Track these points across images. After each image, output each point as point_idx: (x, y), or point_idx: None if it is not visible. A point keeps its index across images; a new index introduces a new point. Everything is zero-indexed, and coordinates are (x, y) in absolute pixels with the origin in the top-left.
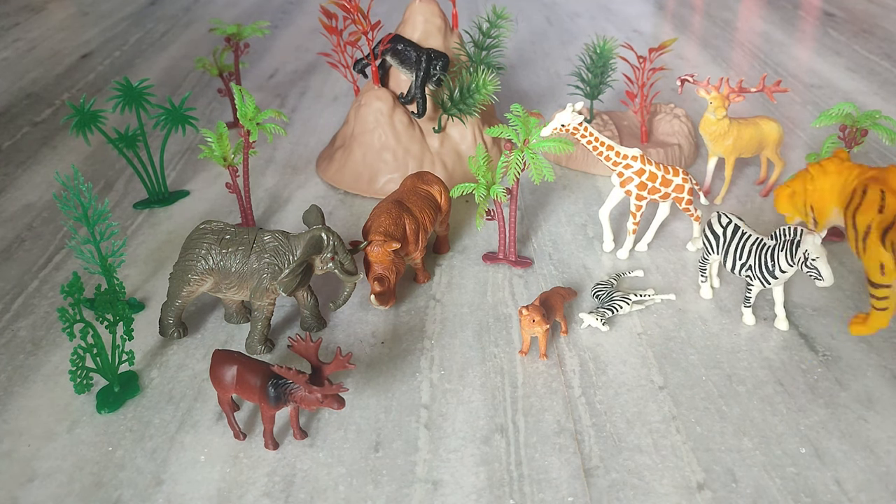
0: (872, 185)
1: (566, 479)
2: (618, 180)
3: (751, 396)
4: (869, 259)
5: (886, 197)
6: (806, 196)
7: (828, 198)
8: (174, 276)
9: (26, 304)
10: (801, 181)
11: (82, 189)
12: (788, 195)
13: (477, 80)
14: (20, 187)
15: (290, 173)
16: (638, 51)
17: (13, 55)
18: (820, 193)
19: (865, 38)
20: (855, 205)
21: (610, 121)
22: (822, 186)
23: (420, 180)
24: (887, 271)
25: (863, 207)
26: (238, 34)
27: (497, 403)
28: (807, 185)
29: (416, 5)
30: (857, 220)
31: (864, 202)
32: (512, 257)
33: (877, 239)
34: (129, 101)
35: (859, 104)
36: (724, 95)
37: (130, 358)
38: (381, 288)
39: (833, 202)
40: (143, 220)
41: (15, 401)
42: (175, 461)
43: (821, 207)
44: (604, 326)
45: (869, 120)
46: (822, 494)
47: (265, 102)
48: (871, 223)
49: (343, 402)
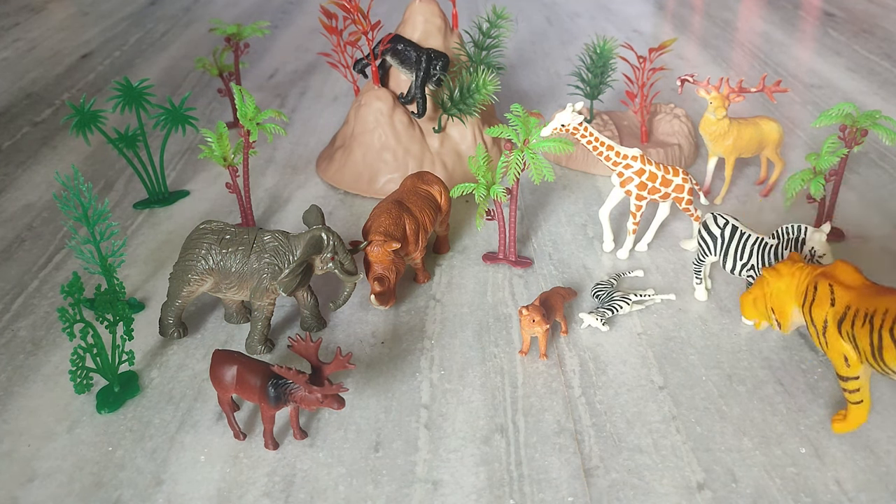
0: (821, 280)
1: (566, 479)
2: (618, 180)
3: (751, 396)
4: (832, 353)
5: (835, 290)
6: (766, 300)
7: (785, 299)
8: (174, 276)
9: (26, 304)
10: (760, 287)
11: (82, 189)
12: (751, 302)
13: (477, 80)
14: (20, 187)
15: (290, 173)
16: (638, 51)
17: (13, 55)
18: (778, 296)
19: (865, 38)
20: (809, 301)
21: (610, 121)
22: (779, 288)
23: (420, 180)
24: (851, 363)
25: (816, 302)
26: (238, 34)
27: (497, 403)
28: (765, 290)
29: (416, 5)
30: (814, 316)
31: (816, 297)
32: (512, 257)
33: (834, 331)
34: (129, 101)
35: (859, 104)
36: (724, 95)
37: (130, 358)
38: (381, 288)
39: (791, 302)
40: (143, 220)
41: (15, 401)
42: (175, 461)
43: (780, 309)
44: (604, 326)
45: (869, 120)
46: (822, 494)
47: (265, 102)
48: (826, 316)
49: (343, 402)
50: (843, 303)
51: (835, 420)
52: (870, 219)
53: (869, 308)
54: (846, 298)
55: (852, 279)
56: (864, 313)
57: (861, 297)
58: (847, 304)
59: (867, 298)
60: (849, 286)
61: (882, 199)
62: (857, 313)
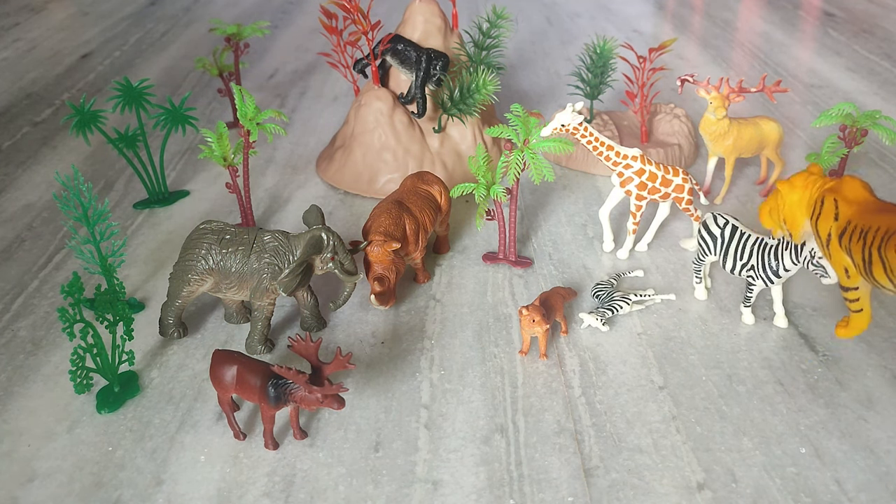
0: (828, 194)
1: (566, 479)
2: (618, 180)
3: (751, 396)
4: (834, 264)
5: (839, 205)
6: (780, 211)
7: (797, 211)
8: (174, 276)
9: (26, 304)
10: (775, 198)
11: (82, 189)
12: (767, 212)
13: (477, 80)
14: (20, 187)
15: (290, 173)
16: (638, 51)
17: (13, 55)
18: (790, 207)
19: (865, 38)
20: (816, 214)
21: (610, 121)
22: (792, 200)
23: (420, 180)
24: (851, 274)
25: (822, 216)
26: (238, 34)
27: (497, 403)
28: (779, 202)
29: (416, 5)
30: (819, 228)
31: (822, 211)
32: (512, 257)
33: (836, 244)
34: (129, 101)
35: (859, 104)
36: (724, 95)
37: (130, 358)
38: (381, 288)
39: (803, 214)
40: (143, 220)
41: (15, 401)
42: (175, 461)
43: (792, 220)
44: (604, 326)
45: (869, 120)
46: (822, 494)
47: (265, 102)
48: (830, 230)
49: (343, 402)
50: (845, 217)
51: (838, 326)
52: None
53: (864, 224)
54: (848, 213)
55: (857, 195)
56: (860, 229)
57: (861, 213)
58: (848, 218)
59: (866, 215)
60: (852, 201)
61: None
62: (856, 229)
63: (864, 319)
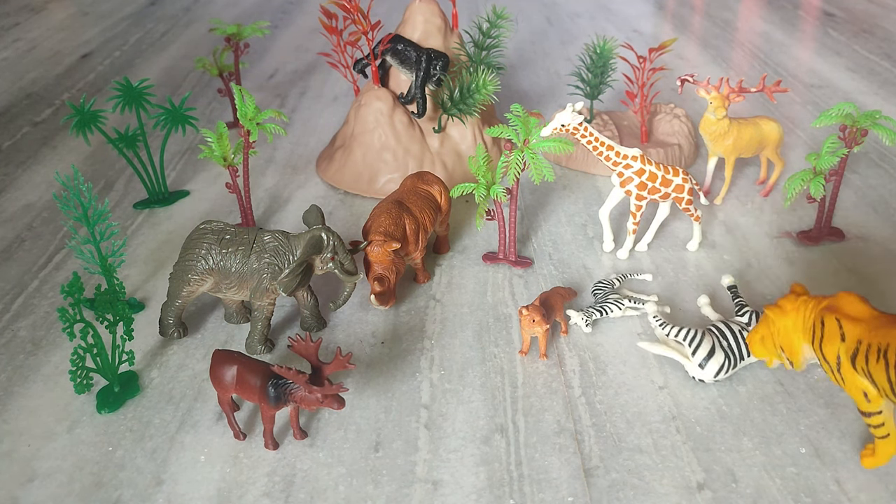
0: (828, 314)
1: (566, 479)
2: (618, 180)
3: (751, 396)
4: (850, 389)
5: (843, 325)
6: (773, 338)
7: (793, 336)
8: (174, 276)
9: (26, 304)
10: (766, 326)
11: (82, 189)
12: (759, 340)
13: (477, 80)
14: (20, 187)
15: (290, 173)
16: (638, 51)
17: (13, 55)
18: (785, 334)
19: (865, 38)
20: (818, 338)
21: (610, 121)
22: (786, 326)
23: (420, 180)
24: (871, 398)
25: (826, 339)
26: (238, 34)
27: (497, 403)
28: (770, 329)
29: (416, 5)
30: (826, 353)
31: (825, 334)
32: (512, 257)
33: (849, 367)
34: (129, 101)
35: (859, 104)
36: (724, 95)
37: (130, 358)
38: (381, 288)
39: (800, 339)
40: (143, 220)
41: (15, 401)
42: (175, 461)
43: (790, 347)
44: (587, 328)
45: (869, 120)
46: (822, 494)
47: (265, 102)
48: (839, 353)
49: (343, 402)
50: (853, 337)
51: (864, 455)
52: (870, 219)
53: (882, 342)
54: (856, 332)
55: (859, 310)
56: (876, 348)
57: (871, 330)
58: (858, 338)
59: (878, 332)
60: (857, 318)
61: (882, 199)
62: (870, 348)
63: (893, 445)
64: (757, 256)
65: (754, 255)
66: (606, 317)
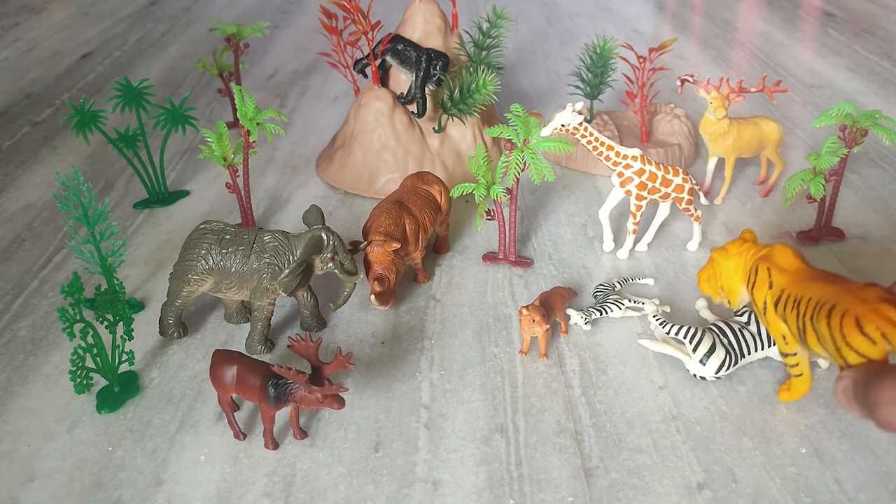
0: (762, 263)
1: (566, 479)
2: (618, 180)
3: (751, 396)
4: (772, 331)
5: (773, 273)
6: (717, 279)
7: (734, 278)
8: (174, 276)
9: (26, 304)
10: (711, 265)
11: (82, 189)
12: (706, 279)
13: (477, 80)
14: (20, 187)
15: (290, 173)
16: (638, 51)
17: (13, 55)
18: (727, 275)
19: (865, 38)
20: (752, 282)
21: (610, 121)
22: (728, 268)
23: (420, 180)
24: (789, 341)
25: (757, 284)
26: (238, 34)
27: (497, 403)
28: (715, 269)
29: (416, 5)
30: (755, 297)
31: (757, 280)
32: (512, 257)
33: (772, 312)
34: (129, 101)
35: (859, 104)
36: (724, 95)
37: (130, 358)
38: (381, 288)
39: (739, 282)
40: (143, 220)
41: (15, 401)
42: (175, 461)
43: (729, 288)
44: (586, 326)
45: (869, 120)
46: (822, 494)
47: (265, 102)
48: (766, 298)
49: (343, 402)
50: (778, 286)
51: (781, 390)
52: (870, 219)
53: (797, 294)
54: (781, 282)
55: (789, 262)
56: (793, 299)
57: (794, 281)
58: (782, 287)
59: (798, 284)
60: (784, 269)
61: (882, 199)
62: (789, 299)
63: (806, 383)
64: None
65: None
66: (606, 317)
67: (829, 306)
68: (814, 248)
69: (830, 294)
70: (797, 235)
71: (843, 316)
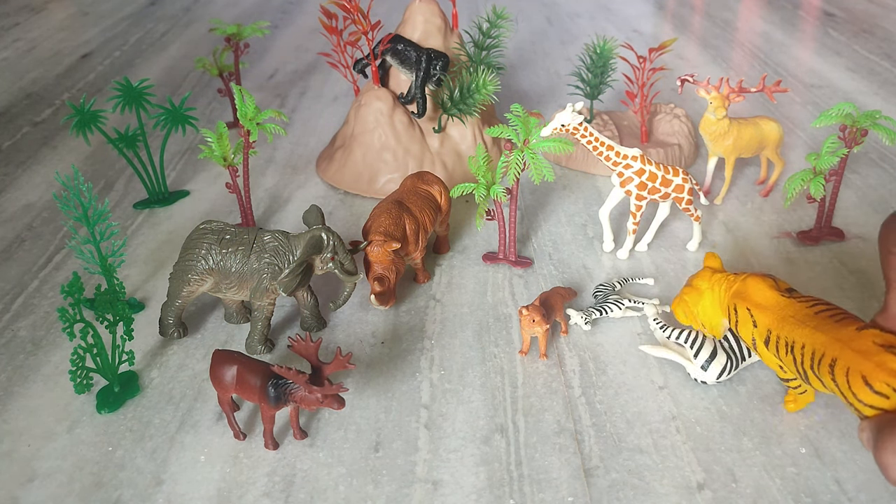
0: (739, 303)
1: (566, 479)
2: (618, 180)
3: (751, 396)
4: (767, 362)
5: (754, 313)
6: (694, 316)
7: (712, 313)
8: (174, 276)
9: (26, 304)
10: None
11: (82, 189)
12: (682, 313)
13: (477, 80)
14: (20, 187)
15: (290, 173)
16: (638, 51)
17: (13, 55)
18: (703, 312)
19: (865, 38)
20: (734, 321)
21: (610, 121)
22: (704, 306)
23: (420, 180)
24: (786, 369)
25: (740, 323)
26: (238, 34)
27: (497, 403)
28: (690, 307)
29: (416, 5)
30: (741, 335)
31: (739, 319)
32: (512, 257)
33: (763, 348)
34: (129, 101)
35: (859, 104)
36: (724, 95)
37: (130, 358)
38: (381, 288)
39: (717, 315)
40: (143, 220)
41: (15, 401)
42: (175, 461)
43: (710, 323)
44: (585, 325)
45: (869, 120)
46: (822, 494)
47: (265, 102)
48: (753, 336)
49: (343, 402)
50: (764, 325)
51: (787, 402)
52: (870, 219)
53: (787, 337)
54: (765, 321)
55: (765, 298)
56: (784, 342)
57: (778, 320)
58: (767, 327)
59: (784, 325)
60: (764, 307)
61: (882, 199)
62: (779, 341)
63: (810, 395)
64: (757, 256)
65: (754, 255)
66: (606, 316)
67: (828, 360)
68: (814, 248)
69: (824, 344)
70: (797, 235)
71: (847, 374)
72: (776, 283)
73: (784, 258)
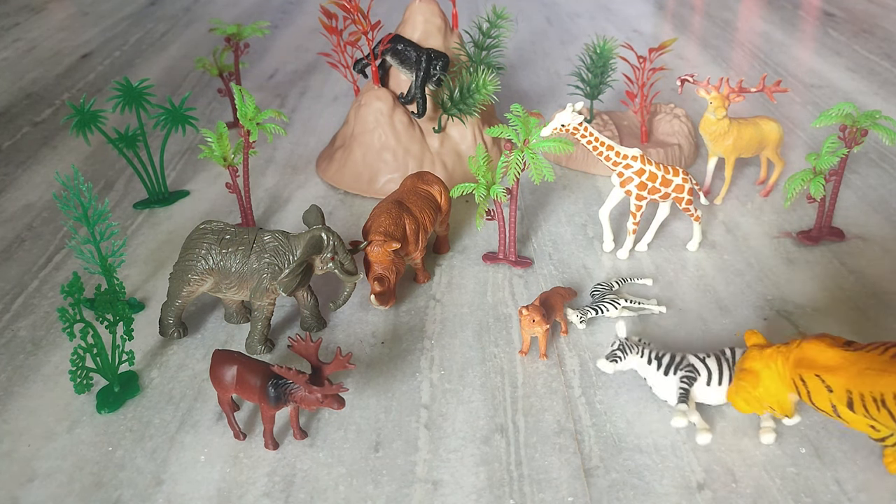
0: (805, 372)
1: (566, 479)
2: (618, 180)
3: None
4: (857, 427)
5: (825, 379)
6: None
7: (778, 392)
8: (174, 276)
9: (26, 304)
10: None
11: (82, 189)
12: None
13: (477, 80)
14: (20, 187)
15: (290, 173)
16: (638, 51)
17: (13, 55)
18: (767, 394)
19: (865, 38)
20: (806, 393)
21: (610, 121)
22: (766, 388)
23: (420, 180)
24: (879, 428)
25: (813, 394)
26: (238, 34)
27: (497, 403)
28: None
29: (416, 5)
30: (819, 406)
31: (811, 390)
32: (512, 257)
33: (847, 412)
34: (129, 101)
35: (859, 104)
36: (724, 95)
37: (130, 358)
38: (381, 288)
39: (783, 392)
40: (143, 220)
41: (15, 401)
42: (175, 461)
43: (778, 402)
44: (581, 325)
45: (869, 120)
46: (822, 494)
47: (265, 102)
48: (833, 402)
49: (343, 402)
50: (840, 388)
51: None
52: (870, 219)
53: (875, 392)
54: (840, 382)
55: (831, 357)
56: (871, 398)
57: (853, 377)
58: (845, 388)
59: (861, 379)
60: (832, 368)
61: (882, 199)
62: (864, 398)
63: None
64: (757, 256)
65: (754, 255)
66: (602, 316)
67: None
68: (814, 248)
69: None
70: (797, 235)
71: None
72: (833, 340)
73: (784, 258)
